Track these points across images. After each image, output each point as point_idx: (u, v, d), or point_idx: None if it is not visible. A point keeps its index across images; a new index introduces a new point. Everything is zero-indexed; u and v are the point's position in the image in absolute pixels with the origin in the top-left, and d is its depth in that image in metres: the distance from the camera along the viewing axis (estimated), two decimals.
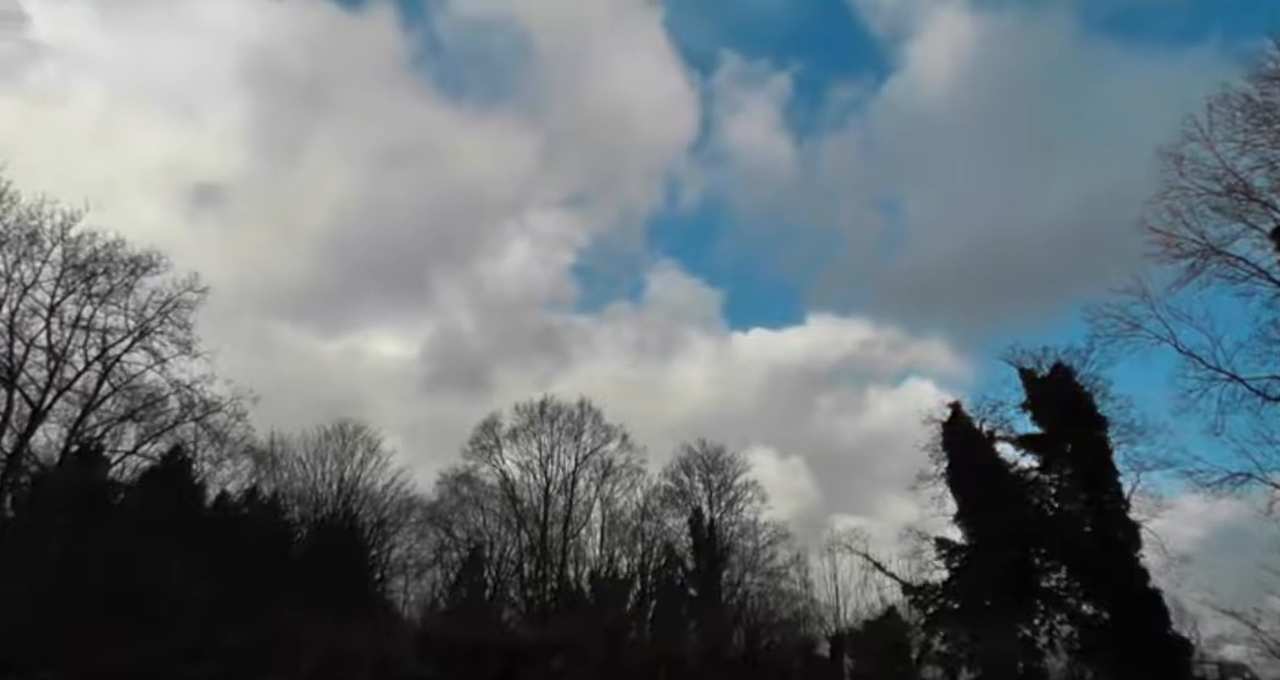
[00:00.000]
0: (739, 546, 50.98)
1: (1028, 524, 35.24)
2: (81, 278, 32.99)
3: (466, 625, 42.28)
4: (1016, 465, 37.39)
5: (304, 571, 39.68)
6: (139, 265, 33.83)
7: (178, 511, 35.59)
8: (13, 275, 32.01)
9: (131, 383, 34.17)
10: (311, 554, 43.16)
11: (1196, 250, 21.96)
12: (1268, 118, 20.77)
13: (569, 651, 40.95)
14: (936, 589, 38.58)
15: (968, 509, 36.80)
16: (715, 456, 52.64)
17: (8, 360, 31.89)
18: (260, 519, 43.22)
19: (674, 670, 41.10)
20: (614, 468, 51.33)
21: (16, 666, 26.36)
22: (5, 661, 26.15)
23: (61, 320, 32.91)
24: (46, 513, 33.00)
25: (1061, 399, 35.73)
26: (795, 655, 48.16)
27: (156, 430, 35.28)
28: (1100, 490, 34.66)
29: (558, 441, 51.06)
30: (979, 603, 36.28)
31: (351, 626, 35.45)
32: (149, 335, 33.86)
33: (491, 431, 51.21)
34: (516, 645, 40.83)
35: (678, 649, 42.66)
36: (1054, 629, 35.10)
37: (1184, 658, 33.49)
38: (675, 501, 51.74)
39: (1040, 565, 35.73)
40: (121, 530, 32.53)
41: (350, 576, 42.41)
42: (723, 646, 45.01)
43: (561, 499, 50.18)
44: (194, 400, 34.56)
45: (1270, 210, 21.46)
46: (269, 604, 33.31)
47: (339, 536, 44.90)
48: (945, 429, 38.22)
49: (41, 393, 32.49)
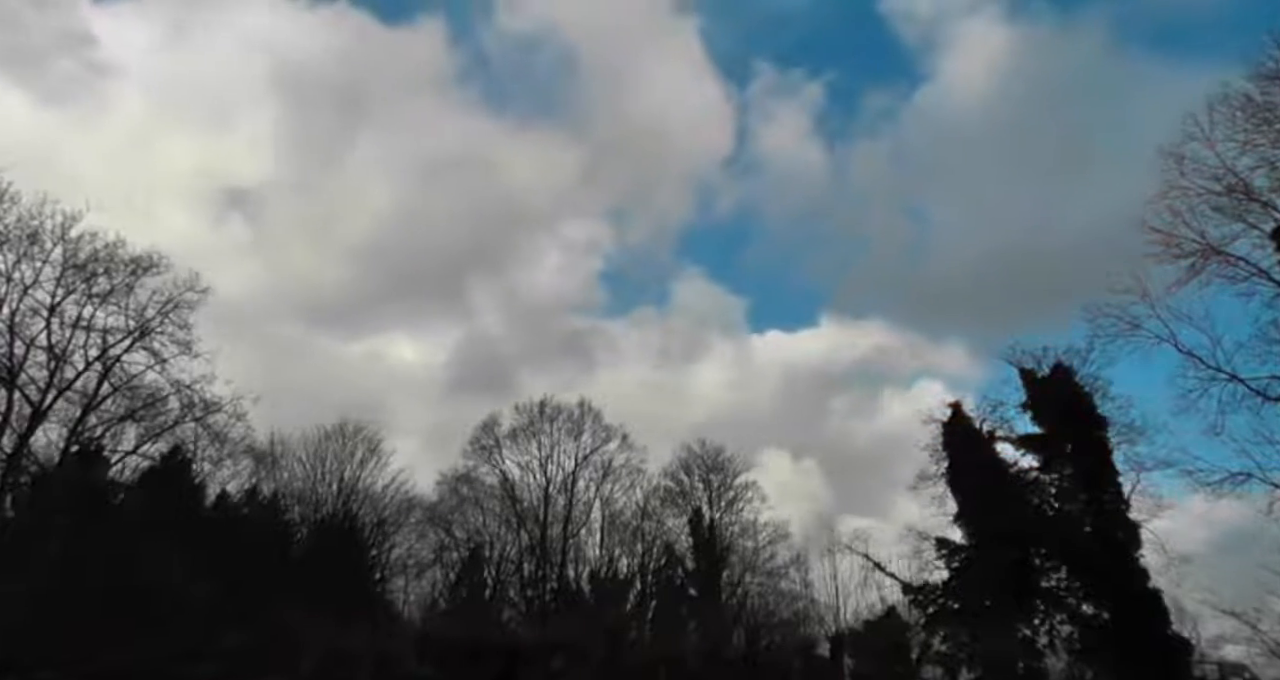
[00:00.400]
0: (739, 546, 51.00)
1: (1028, 524, 35.22)
2: (82, 278, 33.02)
3: (466, 625, 42.28)
4: (1016, 465, 37.37)
5: (304, 571, 39.70)
6: (139, 265, 33.89)
7: (178, 511, 35.60)
8: (13, 275, 32.07)
9: (132, 383, 34.21)
10: (311, 554, 43.18)
11: (1196, 250, 21.97)
12: (1268, 117, 20.80)
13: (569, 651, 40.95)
14: (936, 589, 38.56)
15: (968, 509, 36.78)
16: (715, 456, 52.69)
17: (8, 360, 31.91)
18: (260, 519, 43.24)
19: (674, 670, 41.09)
20: (614, 468, 51.42)
21: (16, 666, 26.36)
22: (5, 661, 26.15)
23: (62, 320, 32.96)
24: (46, 513, 33.02)
25: (1061, 399, 35.70)
26: (795, 655, 48.14)
27: (156, 430, 35.30)
28: (1100, 490, 34.64)
29: (557, 441, 51.14)
30: (979, 603, 36.28)
31: (351, 626, 35.46)
32: (149, 335, 33.90)
33: (491, 432, 51.30)
34: (516, 645, 40.82)
35: (678, 649, 42.64)
36: (1054, 629, 35.07)
37: (1184, 658, 33.47)
38: (675, 501, 51.78)
39: (1040, 565, 35.72)
40: (121, 530, 32.54)
41: (350, 576, 42.43)
42: (723, 646, 45.00)
43: (561, 499, 50.22)
44: (194, 400, 34.59)
45: (1270, 210, 21.48)
46: (269, 604, 33.32)
47: (339, 536, 44.92)
48: (945, 429, 38.20)
49: (41, 393, 32.52)
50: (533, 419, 51.30)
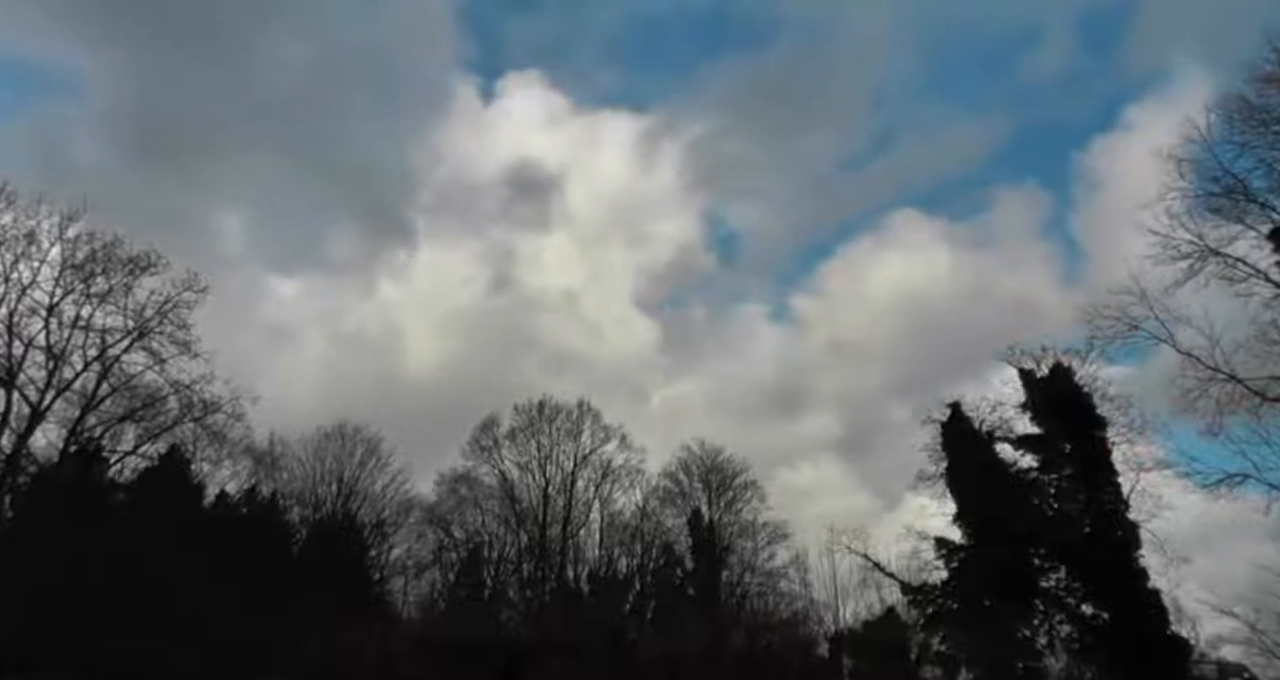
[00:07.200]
0: (738, 546, 51.03)
1: (1027, 524, 35.16)
2: (80, 278, 33.03)
3: (466, 625, 42.29)
4: (1015, 465, 37.34)
5: (303, 572, 39.69)
6: (137, 265, 33.89)
7: (177, 512, 35.57)
8: (11, 275, 32.08)
9: (130, 383, 34.24)
10: (311, 554, 43.16)
11: (1195, 251, 22.07)
12: (1265, 119, 20.88)
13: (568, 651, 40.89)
14: (935, 589, 38.47)
15: (967, 509, 36.74)
16: (714, 457, 52.72)
17: (6, 360, 31.92)
18: (259, 519, 43.21)
19: (673, 670, 41.06)
20: (613, 468, 51.42)
21: (16, 666, 26.35)
22: (5, 661, 26.14)
23: (60, 320, 32.96)
24: (46, 513, 32.97)
25: (1060, 399, 35.70)
26: (794, 655, 48.12)
27: (155, 430, 35.33)
28: (1099, 490, 34.59)
29: (557, 442, 51.12)
30: (978, 603, 36.24)
31: (351, 626, 35.44)
32: (148, 335, 33.90)
33: (490, 432, 51.29)
34: (516, 645, 40.78)
35: (677, 649, 42.62)
36: (1053, 629, 35.04)
37: (1183, 658, 33.41)
38: (674, 502, 51.80)
39: (1039, 565, 35.65)
40: (120, 530, 32.51)
41: (349, 577, 42.42)
42: (722, 646, 44.97)
43: (560, 499, 50.20)
44: (193, 400, 34.62)
45: (1268, 211, 21.56)
46: (269, 604, 33.28)
47: (338, 537, 44.91)
48: (944, 429, 38.14)
49: (40, 393, 32.53)
50: (532, 419, 51.35)
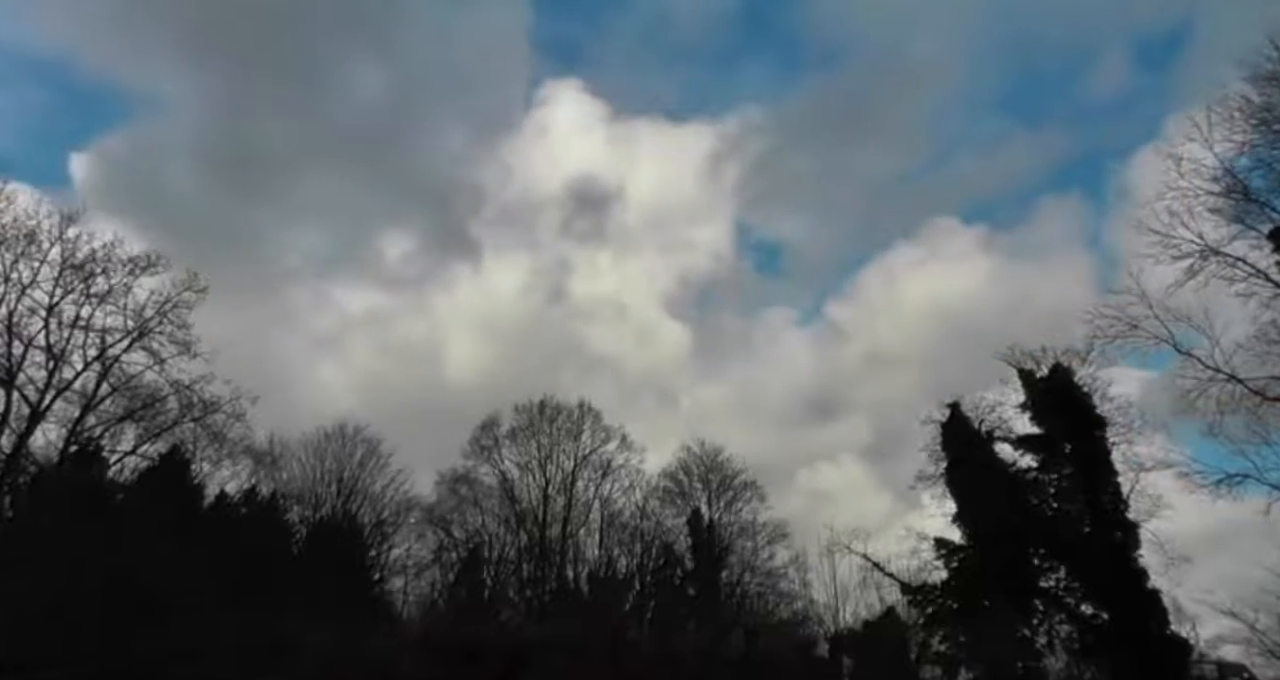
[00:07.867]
0: (738, 546, 51.03)
1: (1026, 524, 35.19)
2: (80, 277, 33.04)
3: (466, 625, 42.22)
4: (1015, 465, 37.35)
5: (303, 571, 39.66)
6: (137, 265, 33.95)
7: (177, 512, 35.55)
8: (11, 275, 32.06)
9: (130, 383, 34.23)
10: (311, 554, 43.14)
11: (1195, 251, 22.11)
12: (1265, 119, 20.88)
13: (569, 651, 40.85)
14: (935, 589, 38.49)
15: (966, 509, 36.74)
16: (714, 457, 52.71)
17: (6, 360, 31.91)
18: (259, 519, 43.18)
19: (674, 670, 41.04)
20: (613, 468, 51.41)
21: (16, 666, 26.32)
22: (5, 661, 26.12)
23: (60, 320, 32.96)
24: (46, 513, 32.95)
25: (1060, 399, 35.71)
26: (794, 655, 48.11)
27: (155, 430, 35.32)
28: (1099, 490, 34.59)
29: (557, 442, 51.12)
30: (978, 603, 36.27)
31: (351, 626, 35.40)
32: (148, 335, 33.92)
33: (490, 432, 51.28)
34: (516, 645, 40.73)
35: (677, 649, 42.60)
36: (1053, 629, 35.08)
37: (1182, 658, 33.43)
38: (674, 501, 51.81)
39: (1039, 565, 35.67)
40: (121, 530, 32.48)
41: (349, 577, 42.39)
42: (722, 646, 44.96)
43: (560, 499, 50.22)
44: (193, 400, 34.63)
45: (1268, 211, 21.58)
46: (269, 604, 33.26)
47: (338, 537, 44.89)
48: (944, 429, 38.14)
49: (40, 393, 32.52)
50: (532, 419, 51.35)
